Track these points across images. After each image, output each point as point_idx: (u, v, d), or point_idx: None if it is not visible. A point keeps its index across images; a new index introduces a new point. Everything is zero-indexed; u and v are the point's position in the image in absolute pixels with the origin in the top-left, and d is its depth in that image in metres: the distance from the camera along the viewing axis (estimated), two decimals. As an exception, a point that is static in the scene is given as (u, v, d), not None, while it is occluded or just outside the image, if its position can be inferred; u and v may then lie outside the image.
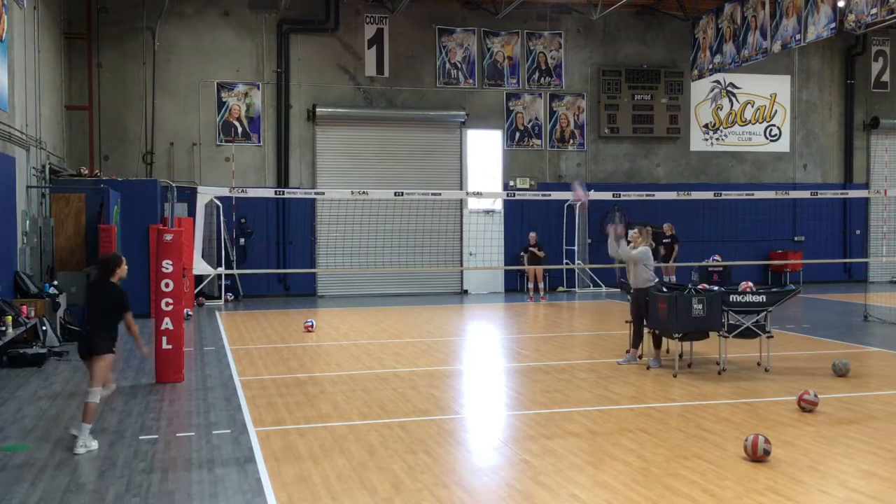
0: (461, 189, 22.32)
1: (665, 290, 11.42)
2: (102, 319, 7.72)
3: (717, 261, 19.65)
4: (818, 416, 8.61)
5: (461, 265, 22.60)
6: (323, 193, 19.60)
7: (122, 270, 7.97)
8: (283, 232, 21.60)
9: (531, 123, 23.28)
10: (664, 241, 20.15)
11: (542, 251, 21.00)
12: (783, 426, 8.17)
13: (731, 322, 10.78)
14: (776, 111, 25.09)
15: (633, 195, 19.37)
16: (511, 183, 23.02)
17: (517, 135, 23.21)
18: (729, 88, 24.72)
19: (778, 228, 24.48)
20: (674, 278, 19.62)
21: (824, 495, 6.22)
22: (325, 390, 10.01)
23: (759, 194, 20.68)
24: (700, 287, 11.65)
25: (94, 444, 7.46)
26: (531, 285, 20.94)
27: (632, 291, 11.57)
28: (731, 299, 10.82)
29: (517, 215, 22.80)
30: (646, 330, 11.48)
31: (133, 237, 16.69)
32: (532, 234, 21.20)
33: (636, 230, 11.65)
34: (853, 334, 14.59)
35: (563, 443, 7.64)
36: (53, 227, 15.88)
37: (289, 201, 21.29)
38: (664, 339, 11.55)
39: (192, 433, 8.02)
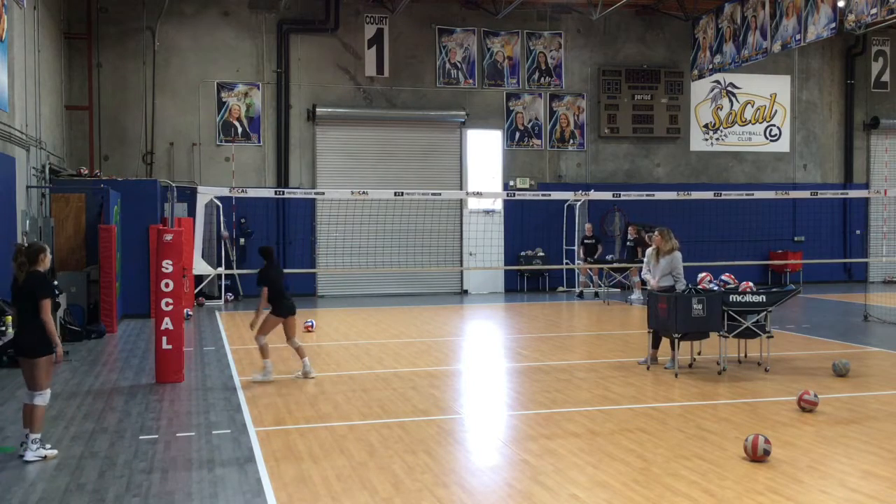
0: (461, 189, 22.32)
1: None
2: None
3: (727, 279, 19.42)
4: (818, 416, 8.61)
5: (461, 265, 22.60)
6: (323, 193, 19.59)
7: None
8: (283, 232, 21.59)
9: (531, 123, 23.27)
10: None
11: (599, 244, 21.60)
12: (783, 426, 8.17)
13: (730, 322, 10.78)
14: (776, 111, 25.08)
15: (633, 195, 19.41)
16: (511, 183, 23.02)
17: (517, 135, 23.20)
18: (729, 88, 24.71)
19: (778, 228, 24.47)
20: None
21: (824, 495, 6.22)
22: (325, 390, 10.00)
23: (759, 194, 20.68)
24: (700, 287, 11.63)
25: None
26: (584, 279, 21.78)
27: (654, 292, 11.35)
28: (731, 299, 10.82)
29: (517, 215, 22.81)
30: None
31: (133, 237, 16.68)
32: (588, 226, 21.82)
33: (656, 232, 11.37)
34: (853, 334, 14.58)
35: (563, 443, 7.64)
36: (53, 227, 15.86)
37: (289, 201, 21.28)
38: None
39: (192, 433, 8.02)
